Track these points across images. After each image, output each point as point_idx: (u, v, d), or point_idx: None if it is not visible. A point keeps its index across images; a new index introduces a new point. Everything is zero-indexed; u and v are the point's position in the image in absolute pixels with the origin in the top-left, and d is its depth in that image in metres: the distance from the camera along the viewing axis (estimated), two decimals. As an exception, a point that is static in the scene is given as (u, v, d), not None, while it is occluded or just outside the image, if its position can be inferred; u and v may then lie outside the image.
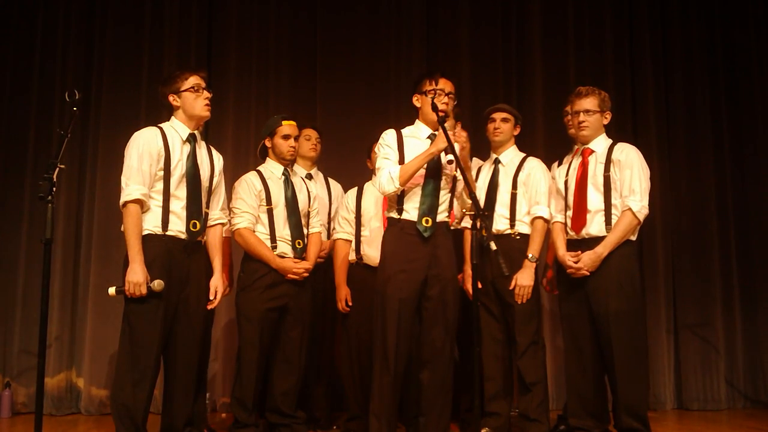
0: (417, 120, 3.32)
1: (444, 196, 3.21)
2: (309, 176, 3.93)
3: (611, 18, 5.20)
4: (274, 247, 3.50)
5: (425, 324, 3.15)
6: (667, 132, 5.13)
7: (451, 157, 2.99)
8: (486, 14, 5.18)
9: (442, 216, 3.20)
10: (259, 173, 3.60)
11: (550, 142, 4.73)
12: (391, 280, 3.12)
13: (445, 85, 3.21)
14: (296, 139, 3.64)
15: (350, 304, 3.73)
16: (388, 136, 3.24)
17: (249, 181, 3.55)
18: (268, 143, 3.63)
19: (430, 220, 3.14)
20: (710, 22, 5.25)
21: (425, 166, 3.13)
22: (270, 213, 3.52)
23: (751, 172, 5.13)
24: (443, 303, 3.14)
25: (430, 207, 3.15)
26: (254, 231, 3.51)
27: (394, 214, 3.21)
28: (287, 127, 3.61)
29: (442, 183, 3.19)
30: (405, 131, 3.27)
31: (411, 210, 3.17)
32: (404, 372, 3.16)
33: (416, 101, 3.29)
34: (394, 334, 3.07)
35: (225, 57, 4.98)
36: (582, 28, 5.19)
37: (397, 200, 3.20)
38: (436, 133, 3.17)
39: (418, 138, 3.25)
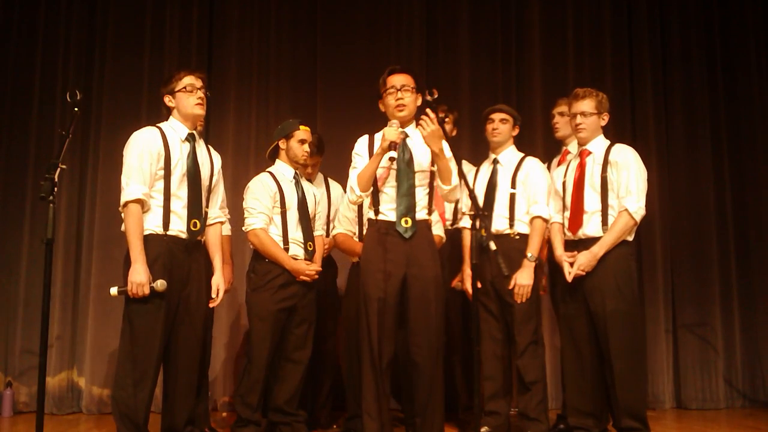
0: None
1: (421, 194, 3.18)
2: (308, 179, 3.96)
3: (610, 19, 5.20)
4: (287, 249, 3.53)
5: (410, 325, 3.13)
6: (665, 133, 5.13)
7: (393, 154, 3.00)
8: (486, 15, 5.18)
9: (421, 215, 3.17)
10: (272, 175, 3.62)
11: (549, 142, 4.73)
12: (369, 281, 3.12)
13: (395, 81, 3.18)
14: (310, 145, 3.70)
15: None
16: (359, 144, 3.25)
17: (264, 182, 3.57)
18: (282, 145, 3.66)
19: (409, 220, 3.12)
20: (709, 23, 5.26)
21: (394, 167, 3.13)
22: (283, 215, 3.55)
23: (749, 172, 5.14)
24: (425, 302, 3.10)
25: (407, 207, 3.12)
26: (268, 232, 3.53)
27: (372, 215, 3.21)
28: (304, 132, 3.66)
29: (419, 181, 3.17)
30: (378, 135, 3.26)
31: (387, 211, 3.16)
32: (390, 370, 3.14)
33: (381, 106, 3.26)
34: (376, 334, 3.07)
35: (226, 57, 5.00)
36: (581, 28, 5.19)
37: (373, 201, 3.19)
38: (407, 130, 3.19)
39: None
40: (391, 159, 3.02)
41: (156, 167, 3.02)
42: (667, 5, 5.25)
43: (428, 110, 3.03)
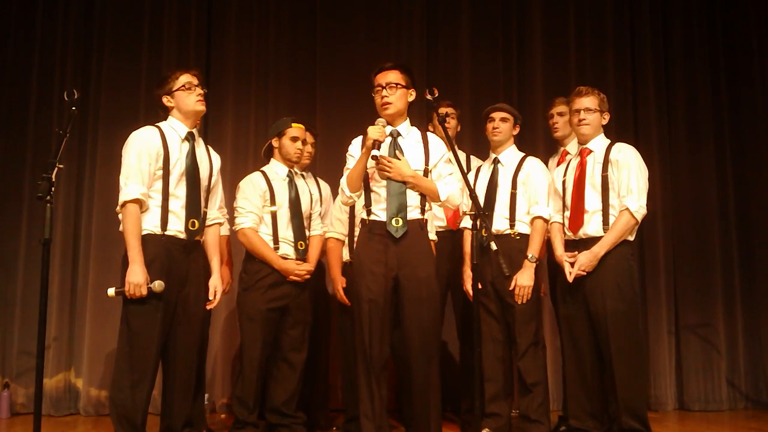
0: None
1: (413, 193, 3.12)
2: (301, 176, 3.93)
3: (612, 18, 5.19)
4: (277, 248, 3.51)
5: (403, 325, 3.10)
6: (668, 132, 5.11)
7: (376, 152, 2.96)
8: (486, 14, 5.16)
9: (413, 214, 3.12)
10: (264, 174, 3.61)
11: (551, 142, 4.71)
12: (360, 282, 3.10)
13: (381, 79, 3.15)
14: (303, 142, 3.67)
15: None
16: (352, 146, 3.22)
17: (254, 181, 3.56)
18: (275, 143, 3.64)
19: (400, 220, 3.08)
20: (712, 22, 5.24)
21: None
22: (273, 214, 3.53)
23: (752, 172, 5.11)
24: (418, 303, 3.06)
25: (398, 207, 3.08)
26: (258, 231, 3.51)
27: (364, 215, 3.18)
28: (296, 129, 3.64)
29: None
30: None
31: (378, 211, 3.12)
32: (385, 371, 3.11)
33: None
34: (368, 335, 3.05)
35: (224, 58, 4.97)
36: (583, 27, 5.17)
37: (365, 201, 3.17)
38: (399, 129, 3.16)
39: None
40: (374, 158, 2.98)
41: (155, 167, 3.00)
42: (669, 3, 5.23)
43: (378, 157, 2.98)
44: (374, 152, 2.96)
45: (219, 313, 4.48)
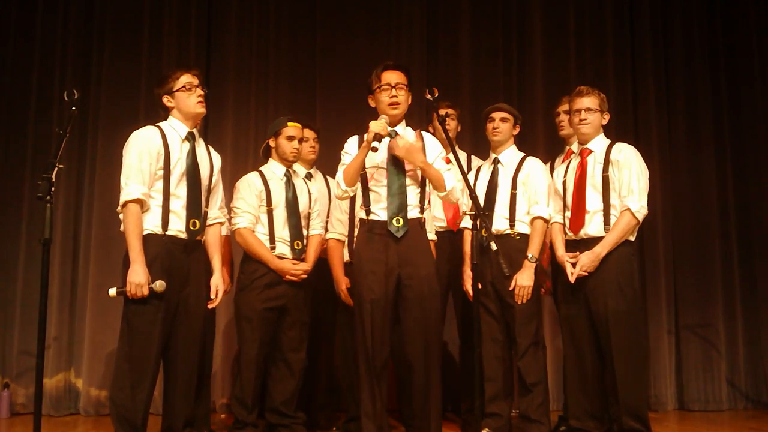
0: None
1: (413, 192, 3.14)
2: (308, 176, 3.94)
3: (612, 18, 5.19)
4: (273, 248, 3.51)
5: (404, 324, 3.10)
6: (668, 133, 5.11)
7: (376, 144, 2.95)
8: (486, 14, 5.17)
9: (413, 213, 3.13)
10: (261, 173, 3.61)
11: (551, 142, 4.72)
12: (361, 282, 3.10)
13: (389, 78, 3.15)
14: (300, 141, 3.67)
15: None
16: (349, 144, 3.22)
17: (250, 181, 3.56)
18: (272, 143, 3.65)
19: (401, 219, 3.08)
20: (712, 22, 5.24)
21: (386, 166, 3.11)
22: (270, 213, 3.53)
23: (752, 172, 5.11)
24: (420, 301, 3.07)
25: (399, 206, 3.09)
26: (254, 231, 3.51)
27: (363, 215, 3.18)
28: (292, 128, 3.64)
29: (410, 180, 3.14)
30: None
31: (378, 211, 3.13)
32: (385, 371, 3.11)
33: (371, 101, 3.23)
34: (370, 335, 3.05)
35: (224, 58, 4.97)
36: (583, 27, 5.17)
37: (364, 201, 3.17)
38: (396, 129, 3.16)
39: None
40: (374, 149, 2.96)
41: (155, 167, 3.00)
42: (669, 4, 5.23)
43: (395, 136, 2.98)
44: (374, 144, 2.96)
45: (219, 314, 4.46)
